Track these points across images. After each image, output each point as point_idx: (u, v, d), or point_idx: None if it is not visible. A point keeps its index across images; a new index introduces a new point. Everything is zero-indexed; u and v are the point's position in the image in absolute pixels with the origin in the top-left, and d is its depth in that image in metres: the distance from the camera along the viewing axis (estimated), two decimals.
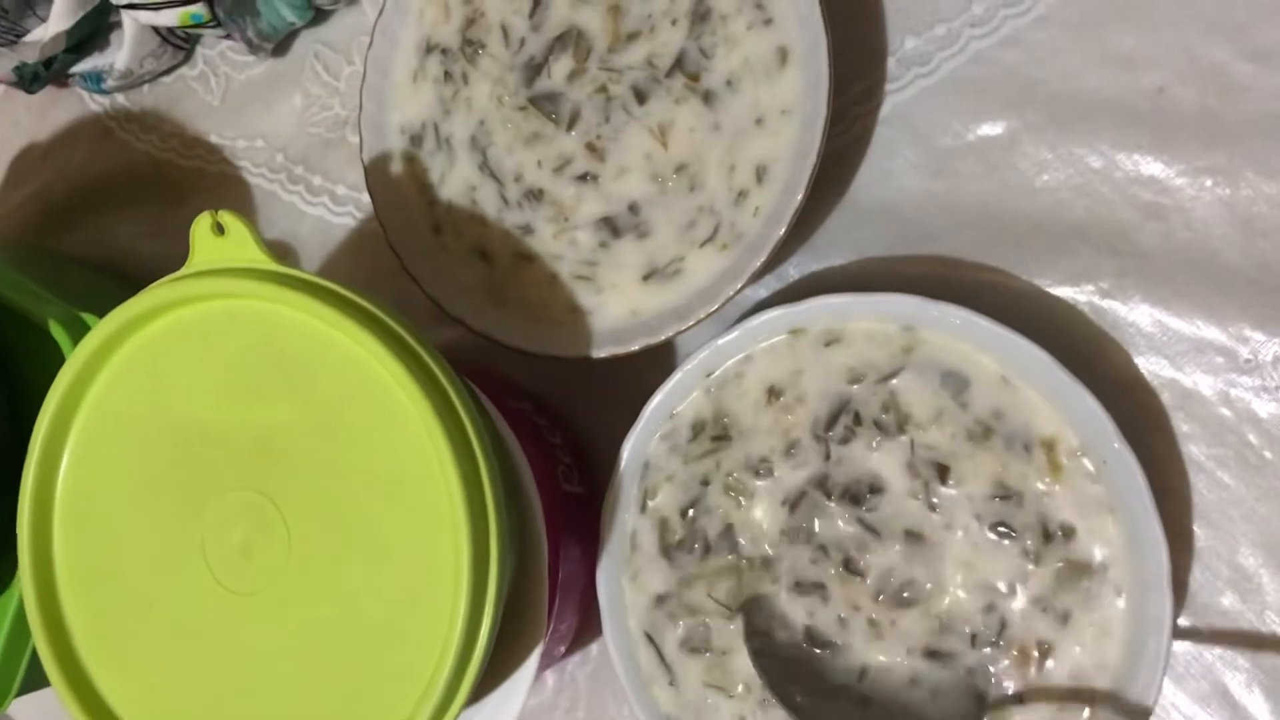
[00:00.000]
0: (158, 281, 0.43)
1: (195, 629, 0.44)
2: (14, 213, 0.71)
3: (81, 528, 0.46)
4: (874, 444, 0.47)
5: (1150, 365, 0.49)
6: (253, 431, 0.43)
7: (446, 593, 0.41)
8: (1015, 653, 0.45)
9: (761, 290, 0.55)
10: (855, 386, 0.47)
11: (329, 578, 0.43)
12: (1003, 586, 0.46)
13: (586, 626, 0.58)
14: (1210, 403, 0.48)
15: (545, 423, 0.57)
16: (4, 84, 0.65)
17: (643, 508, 0.51)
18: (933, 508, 0.46)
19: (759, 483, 0.49)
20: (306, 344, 0.42)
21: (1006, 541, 0.46)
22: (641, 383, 0.56)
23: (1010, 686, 0.45)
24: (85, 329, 0.53)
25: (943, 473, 0.46)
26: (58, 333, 0.52)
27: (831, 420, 0.48)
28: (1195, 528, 0.48)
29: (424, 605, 0.41)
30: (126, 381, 0.45)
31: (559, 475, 0.55)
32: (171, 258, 0.48)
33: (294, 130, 0.65)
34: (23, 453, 0.50)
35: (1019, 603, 0.45)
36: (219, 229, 0.44)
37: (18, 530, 0.46)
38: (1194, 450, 0.48)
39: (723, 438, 0.50)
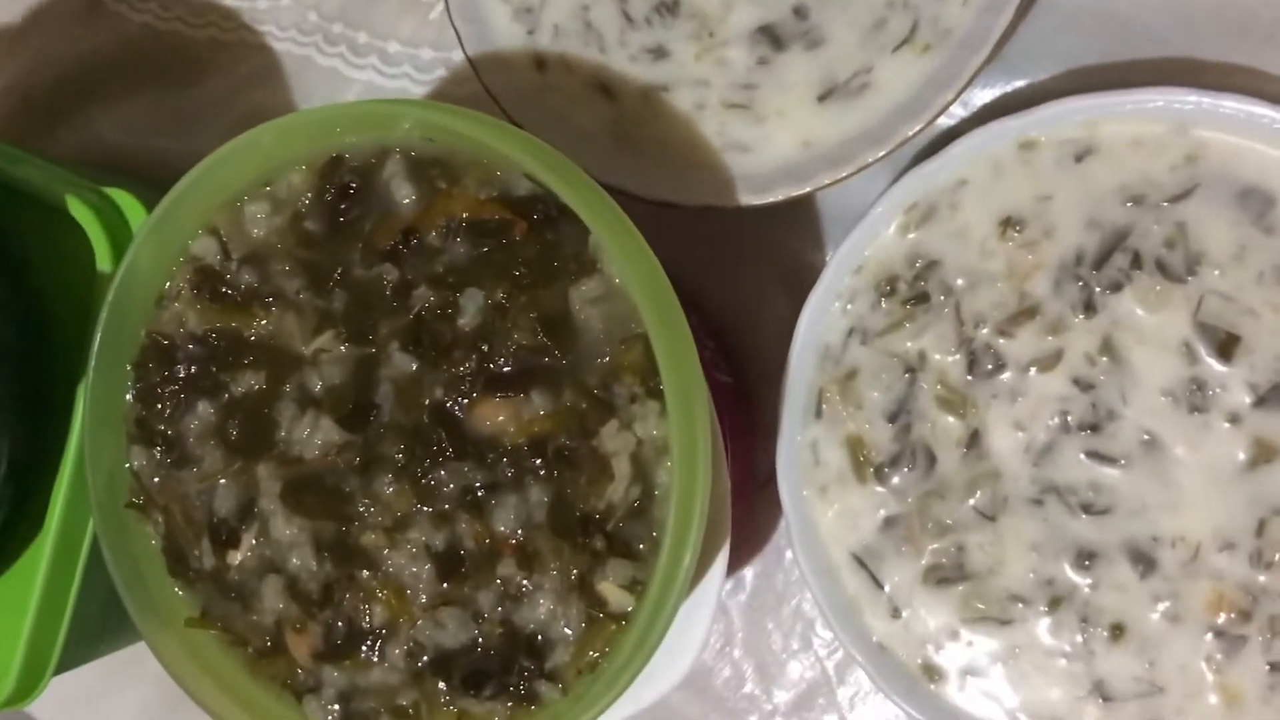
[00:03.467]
0: None
1: None
2: None
3: None
4: (1155, 294, 0.37)
5: None
6: None
7: None
8: None
9: (945, 119, 0.45)
10: (1134, 208, 0.38)
11: None
12: None
13: (739, 548, 0.48)
14: None
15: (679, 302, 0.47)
16: None
17: (817, 413, 0.41)
18: (1194, 408, 0.37)
19: (983, 382, 0.39)
20: None
21: None
22: (794, 247, 0.46)
23: None
24: (115, 209, 0.41)
25: (1228, 347, 0.37)
26: (80, 213, 0.41)
27: (1103, 257, 0.38)
28: None
29: None
30: None
31: (705, 362, 0.45)
32: (187, 151, 0.40)
33: None
34: (41, 365, 0.39)
35: None
36: None
37: None
38: None
39: (919, 300, 0.40)
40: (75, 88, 0.58)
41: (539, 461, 0.35)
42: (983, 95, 0.45)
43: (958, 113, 0.45)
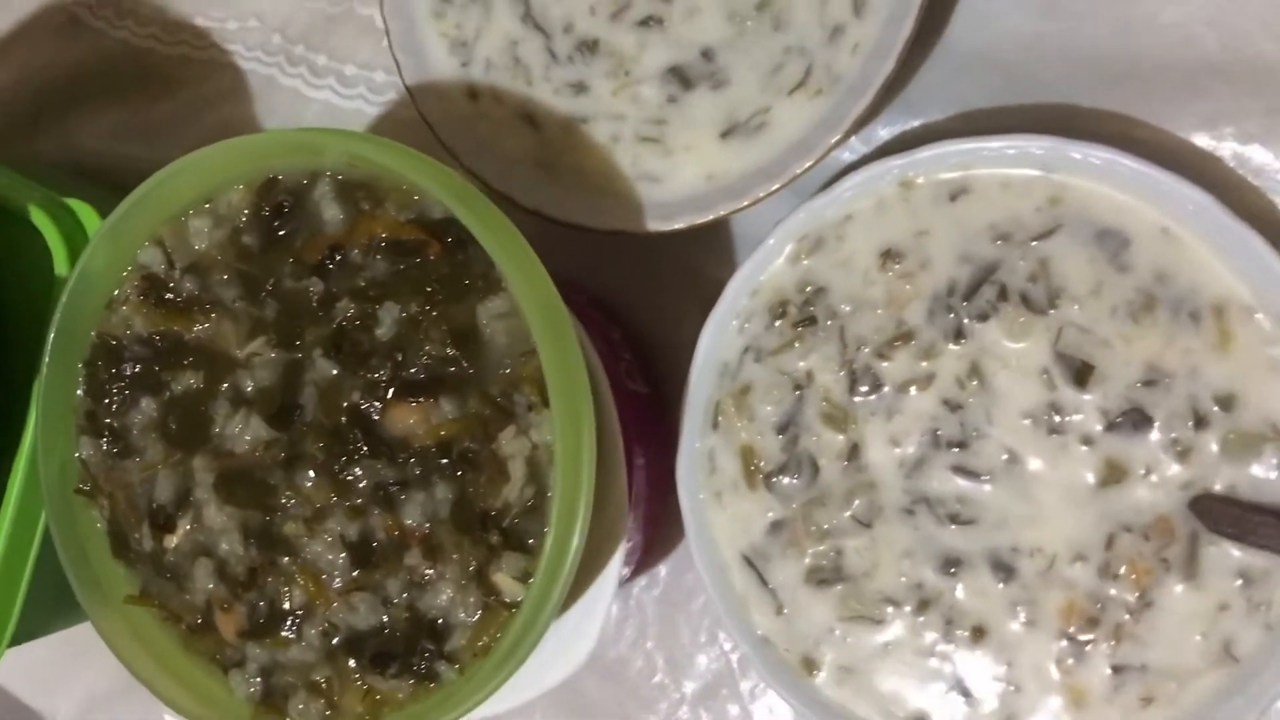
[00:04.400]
0: None
1: None
2: None
3: None
4: (1019, 324, 0.41)
5: None
6: None
7: None
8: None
9: (847, 154, 0.48)
10: (1002, 245, 0.41)
11: None
12: (1139, 491, 0.40)
13: (653, 546, 0.51)
14: None
15: (601, 317, 0.50)
16: None
17: (714, 424, 0.44)
18: (1052, 430, 0.40)
19: (862, 400, 0.42)
20: None
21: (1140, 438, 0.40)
22: (710, 268, 0.50)
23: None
24: (73, 218, 0.45)
25: (1083, 375, 0.40)
26: (40, 221, 0.45)
27: (972, 289, 0.41)
28: None
29: None
30: None
31: (622, 373, 0.48)
32: (157, 160, 0.42)
33: (292, 6, 0.57)
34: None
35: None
36: None
37: None
38: None
39: (808, 322, 0.43)
40: (55, 99, 0.61)
41: (444, 462, 0.39)
42: (885, 133, 0.48)
43: (860, 149, 0.48)
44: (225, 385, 0.41)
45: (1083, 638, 0.41)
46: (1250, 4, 0.44)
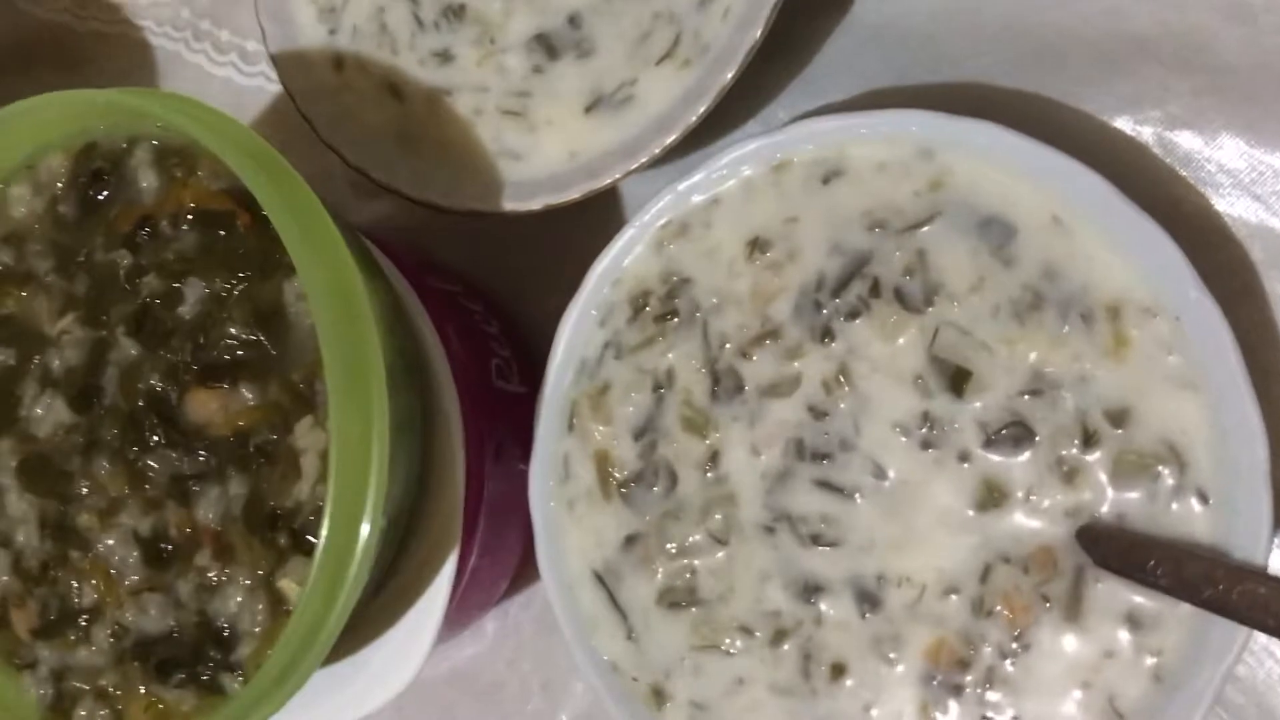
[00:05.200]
0: None
1: None
2: None
3: None
4: (891, 323, 0.36)
5: (1236, 209, 0.38)
6: None
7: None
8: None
9: (741, 138, 0.44)
10: (876, 234, 0.36)
11: None
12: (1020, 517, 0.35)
13: (532, 559, 0.47)
14: None
15: (479, 310, 0.47)
16: None
17: (570, 425, 0.40)
18: (926, 444, 0.36)
19: (724, 404, 0.38)
20: None
21: (1023, 456, 0.35)
22: (589, 250, 0.46)
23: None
24: None
25: (960, 382, 0.36)
26: None
27: (842, 283, 0.37)
28: None
29: None
30: None
31: (492, 370, 0.45)
32: None
33: None
34: None
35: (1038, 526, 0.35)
36: None
37: None
38: None
39: (669, 316, 0.39)
40: None
41: (242, 453, 0.35)
42: (784, 115, 0.44)
43: (755, 130, 0.44)
44: (35, 363, 0.39)
45: (952, 681, 0.36)
46: None
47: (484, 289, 0.48)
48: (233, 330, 0.36)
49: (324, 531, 0.33)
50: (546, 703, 0.48)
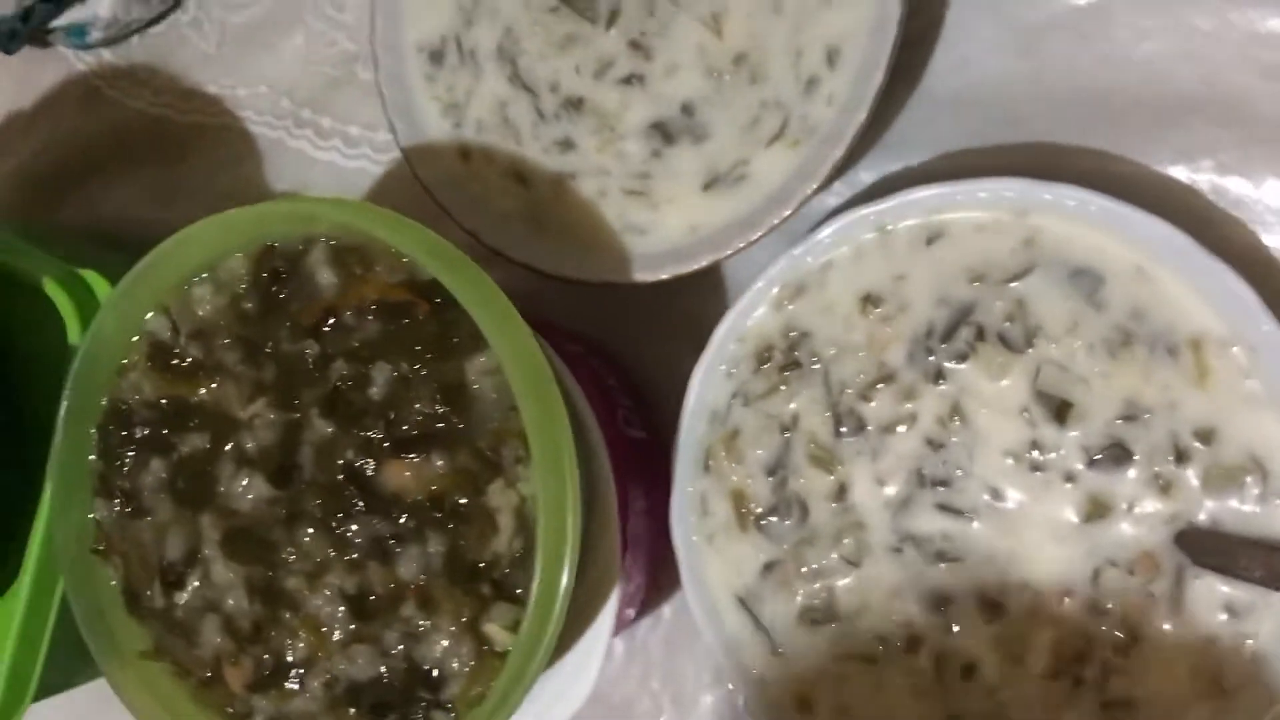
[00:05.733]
0: None
1: None
2: (2, 187, 0.65)
3: None
4: (997, 364, 0.41)
5: None
6: None
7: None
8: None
9: (832, 198, 0.49)
10: (978, 286, 0.42)
11: None
12: (1123, 526, 0.40)
13: (657, 587, 0.52)
14: None
15: (598, 364, 0.52)
16: None
17: (705, 468, 0.45)
18: (1035, 468, 0.41)
19: (847, 441, 0.43)
20: None
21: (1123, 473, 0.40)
22: (705, 313, 0.51)
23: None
24: (85, 288, 0.47)
25: (1063, 412, 0.41)
26: (54, 292, 0.47)
27: (950, 330, 0.42)
28: None
29: None
30: None
31: (620, 420, 0.50)
32: (174, 221, 0.44)
33: (298, 71, 0.59)
34: (18, 427, 0.45)
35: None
36: None
37: None
38: None
39: (792, 366, 0.44)
40: (77, 168, 0.64)
41: (437, 516, 0.40)
42: (867, 177, 0.49)
43: (845, 193, 0.49)
44: (230, 446, 0.43)
45: (1071, 673, 0.41)
46: (1226, 36, 0.44)
47: (598, 345, 0.53)
48: (419, 406, 0.41)
49: (536, 579, 0.37)
50: (676, 717, 0.53)
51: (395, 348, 0.41)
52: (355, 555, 0.41)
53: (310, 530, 0.41)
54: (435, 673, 0.40)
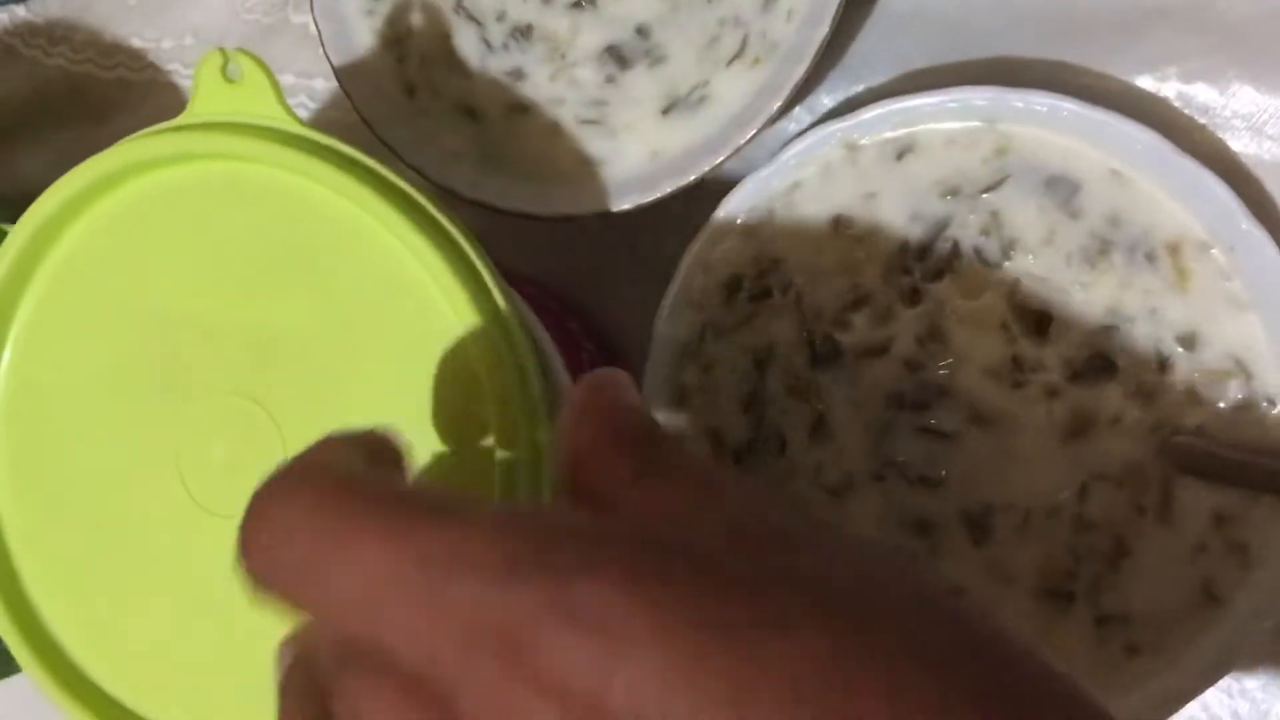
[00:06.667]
0: (142, 131, 0.35)
1: (161, 553, 0.37)
2: None
3: (27, 435, 0.38)
4: (974, 280, 0.40)
5: (1250, 149, 0.43)
6: (250, 327, 0.36)
7: None
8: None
9: (792, 125, 0.48)
10: (951, 200, 0.40)
11: None
12: (1108, 440, 0.39)
13: None
14: None
15: (558, 307, 0.50)
16: None
17: (678, 405, 0.44)
18: (1017, 384, 0.40)
19: (824, 370, 0.42)
20: (328, 227, 0.35)
21: (1106, 385, 0.39)
22: (669, 250, 0.49)
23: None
24: None
25: (1043, 325, 0.40)
26: None
27: (924, 247, 0.41)
28: None
29: None
30: (92, 255, 0.38)
31: (585, 364, 0.48)
32: None
33: (227, 20, 0.56)
34: None
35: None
36: (230, 73, 0.36)
37: None
38: None
39: (764, 295, 0.43)
40: None
41: None
42: (829, 100, 0.48)
43: (806, 118, 0.48)
44: None
45: (1064, 591, 0.40)
46: None
47: (560, 286, 0.51)
48: None
49: None
50: None
51: None
52: None
53: None
54: None
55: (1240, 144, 0.43)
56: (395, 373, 0.35)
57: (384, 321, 0.35)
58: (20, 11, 0.61)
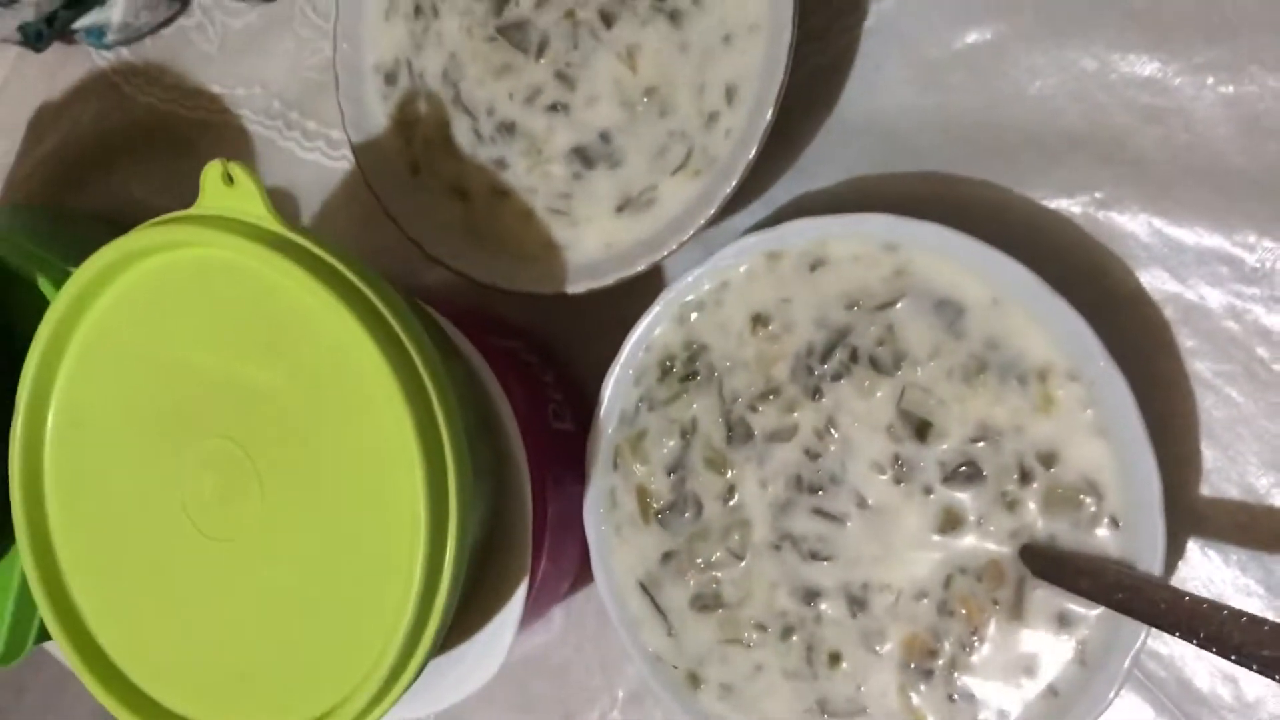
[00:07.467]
0: (158, 219, 0.44)
1: (173, 571, 0.45)
2: (33, 173, 0.72)
3: (71, 468, 0.47)
4: (867, 384, 0.45)
5: (1151, 279, 0.46)
6: (235, 384, 0.44)
7: (405, 549, 0.41)
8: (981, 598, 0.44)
9: (748, 218, 0.53)
10: (853, 311, 0.45)
11: (298, 530, 0.43)
12: (973, 538, 0.44)
13: (590, 564, 0.57)
14: (1216, 315, 0.45)
15: (535, 360, 0.56)
16: (11, 44, 0.66)
17: (614, 464, 0.50)
18: (898, 479, 0.45)
19: (738, 447, 0.48)
20: (295, 311, 0.42)
21: (974, 490, 0.44)
22: (631, 318, 0.55)
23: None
24: None
25: (923, 431, 0.45)
26: (49, 291, 0.53)
27: (827, 351, 0.46)
28: (1203, 448, 0.46)
29: (386, 560, 0.41)
30: (119, 316, 0.46)
31: (549, 413, 0.54)
32: (177, 209, 0.49)
33: (288, 75, 0.64)
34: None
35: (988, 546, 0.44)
36: (228, 179, 0.44)
37: (10, 468, 0.47)
38: (1200, 367, 0.46)
39: (691, 377, 0.48)
40: (97, 155, 0.70)
41: None
42: (783, 196, 0.53)
43: (762, 212, 0.53)
44: None
45: (924, 666, 0.45)
46: (1108, 79, 0.47)
47: (539, 342, 0.58)
48: None
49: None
50: (605, 680, 0.58)
51: None
52: None
53: None
54: None
55: (1143, 272, 0.47)
56: (346, 427, 0.42)
57: (336, 386, 0.42)
58: (125, 53, 0.70)
